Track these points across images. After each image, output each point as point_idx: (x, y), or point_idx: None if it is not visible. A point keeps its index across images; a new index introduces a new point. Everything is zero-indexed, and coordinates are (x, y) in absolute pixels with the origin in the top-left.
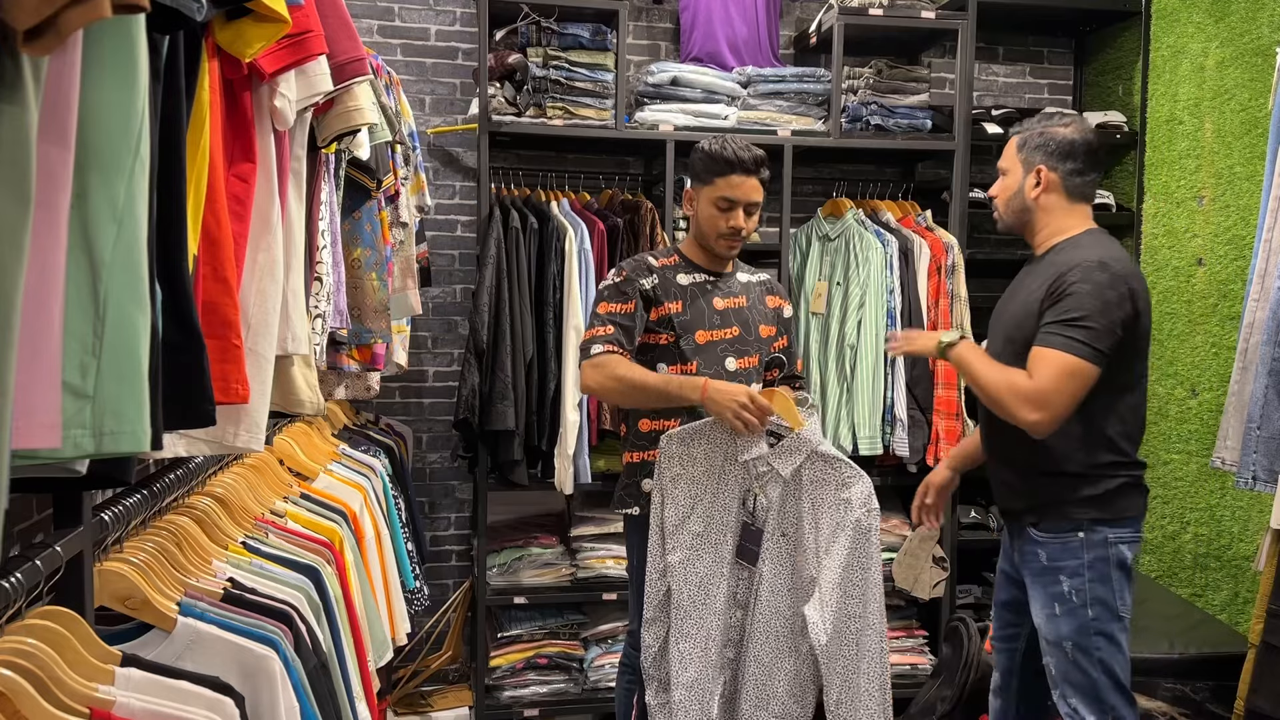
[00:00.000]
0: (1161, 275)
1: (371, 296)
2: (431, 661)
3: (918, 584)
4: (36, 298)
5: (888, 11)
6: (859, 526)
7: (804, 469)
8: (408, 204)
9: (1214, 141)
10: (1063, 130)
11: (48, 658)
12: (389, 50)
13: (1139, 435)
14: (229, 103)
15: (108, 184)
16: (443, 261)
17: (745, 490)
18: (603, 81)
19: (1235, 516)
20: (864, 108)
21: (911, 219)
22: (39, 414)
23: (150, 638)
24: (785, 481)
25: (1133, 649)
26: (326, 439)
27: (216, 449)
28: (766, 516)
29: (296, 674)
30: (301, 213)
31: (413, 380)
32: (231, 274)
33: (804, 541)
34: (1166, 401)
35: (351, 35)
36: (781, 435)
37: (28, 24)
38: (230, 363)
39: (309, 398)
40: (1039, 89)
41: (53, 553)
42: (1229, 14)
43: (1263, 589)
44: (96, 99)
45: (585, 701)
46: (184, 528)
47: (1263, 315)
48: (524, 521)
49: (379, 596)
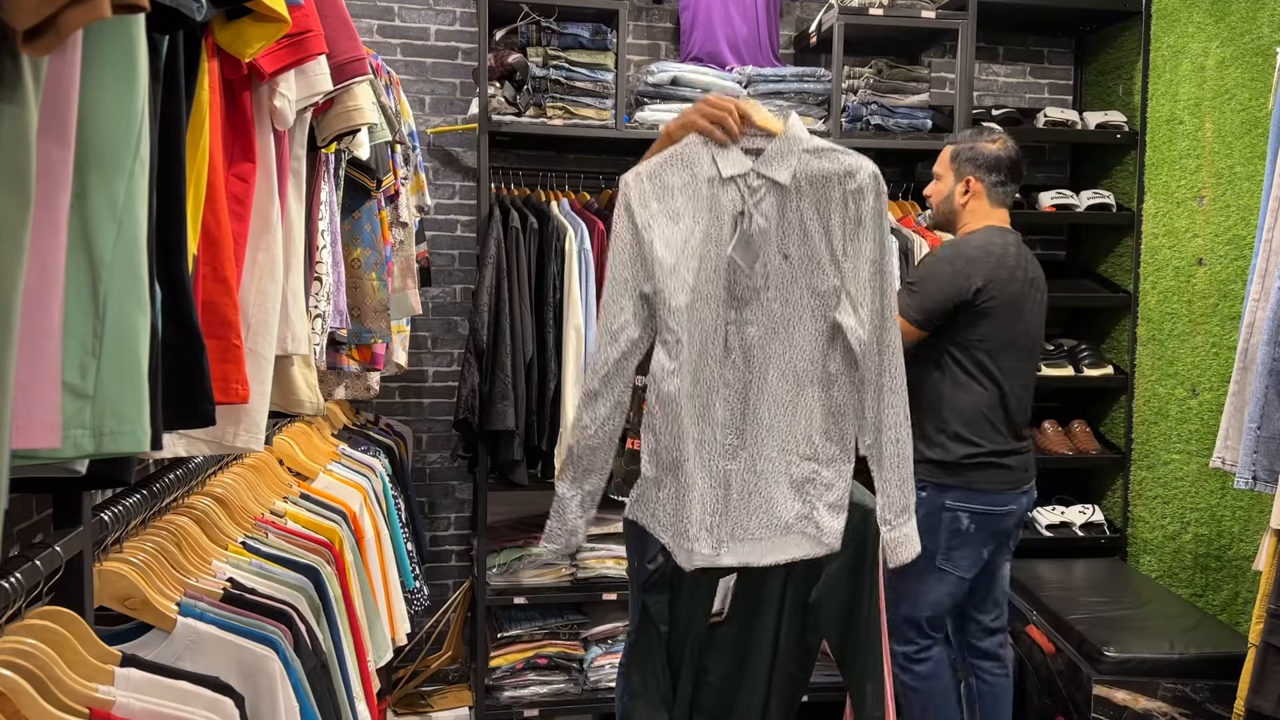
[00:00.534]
0: (1162, 275)
1: (371, 296)
2: (431, 661)
3: None
4: (36, 297)
5: (888, 11)
6: (876, 213)
7: (799, 172)
8: (408, 204)
9: (1214, 141)
10: (991, 147)
11: (47, 658)
12: (389, 50)
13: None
14: (229, 102)
15: (107, 183)
16: (443, 261)
17: (737, 213)
18: (603, 81)
19: (1235, 516)
20: (864, 107)
21: (911, 219)
22: (39, 414)
23: (150, 638)
24: (783, 190)
25: (1133, 649)
26: (326, 439)
27: (216, 449)
28: (763, 240)
29: (296, 674)
30: (301, 212)
31: (413, 380)
32: (231, 274)
33: (815, 252)
34: (1166, 401)
35: (351, 35)
36: (762, 149)
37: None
38: (230, 363)
39: (309, 398)
40: (1039, 89)
41: (52, 553)
42: (1229, 14)
43: (1263, 589)
44: (96, 99)
45: (585, 701)
46: (184, 528)
47: (1263, 315)
48: (524, 521)
49: (379, 596)
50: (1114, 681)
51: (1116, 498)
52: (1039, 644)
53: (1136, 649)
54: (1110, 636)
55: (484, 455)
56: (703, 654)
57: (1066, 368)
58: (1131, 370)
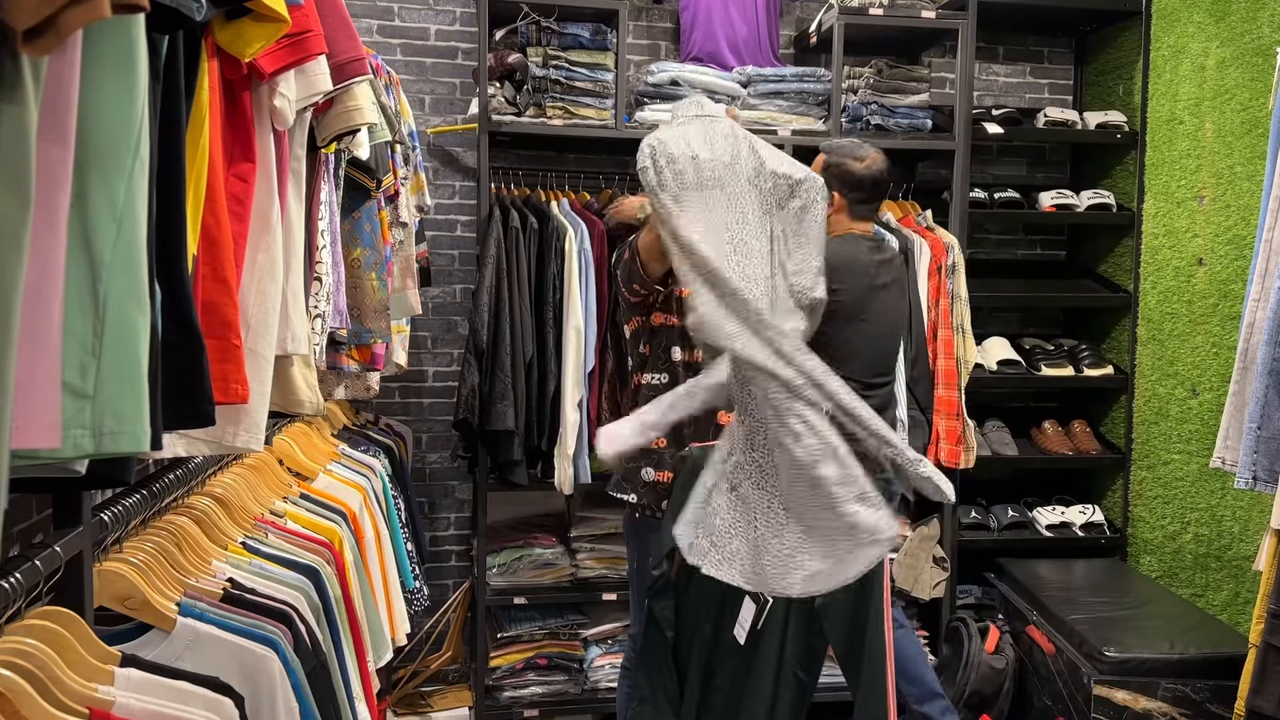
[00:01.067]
0: (1162, 275)
1: (371, 296)
2: (431, 662)
3: (918, 584)
4: (36, 297)
5: (888, 11)
6: None
7: None
8: (407, 204)
9: (1214, 141)
10: (857, 166)
11: (47, 658)
12: (389, 50)
13: None
14: (228, 102)
15: (107, 184)
16: (443, 261)
17: None
18: (603, 81)
19: (1235, 516)
20: (864, 107)
21: (911, 219)
22: (39, 414)
23: (150, 638)
24: None
25: (1133, 649)
26: (326, 439)
27: (216, 449)
28: None
29: (296, 674)
30: (301, 213)
31: (413, 380)
32: (231, 274)
33: None
34: (1167, 401)
35: (351, 35)
36: None
37: (28, 24)
38: (230, 363)
39: (309, 398)
40: (1039, 89)
41: (52, 553)
42: (1229, 14)
43: (1263, 589)
44: (96, 99)
45: (585, 702)
46: (184, 528)
47: (1263, 315)
48: (524, 521)
49: (379, 597)
50: (1114, 682)
51: (1116, 498)
52: (1039, 644)
53: (1136, 649)
54: (1110, 636)
55: (484, 455)
56: (710, 658)
57: (1067, 368)
58: (1131, 370)
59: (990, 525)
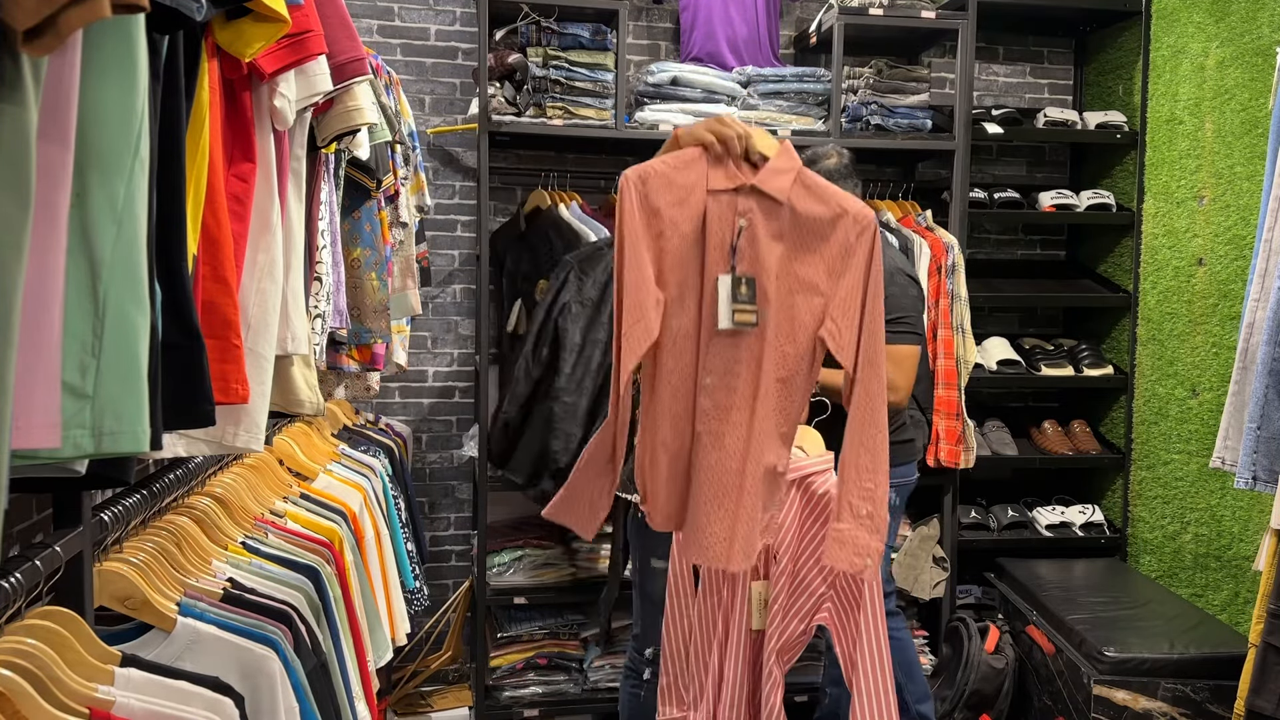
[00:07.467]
0: (1162, 275)
1: (371, 296)
2: (431, 661)
3: (918, 584)
4: (36, 297)
5: (888, 11)
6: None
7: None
8: (407, 204)
9: (1214, 141)
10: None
11: (47, 658)
12: (389, 50)
13: None
14: (229, 102)
15: (107, 184)
16: (443, 262)
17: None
18: (603, 81)
19: (1235, 516)
20: (864, 107)
21: (911, 219)
22: (39, 414)
23: (150, 638)
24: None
25: (1133, 649)
26: (326, 439)
27: (216, 449)
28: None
29: (296, 674)
30: (301, 212)
31: (413, 380)
32: (231, 274)
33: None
34: (1167, 401)
35: (351, 35)
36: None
37: (28, 24)
38: (230, 363)
39: (309, 398)
40: (1039, 89)
41: (52, 553)
42: (1229, 14)
43: (1263, 589)
44: (96, 99)
45: (585, 701)
46: (184, 528)
47: (1263, 315)
48: (524, 521)
49: (379, 597)
50: (1114, 681)
51: (1116, 498)
52: (1039, 644)
53: (1136, 649)
54: (1110, 636)
55: (483, 455)
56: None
57: (1066, 368)
58: (1131, 370)
59: (990, 525)
